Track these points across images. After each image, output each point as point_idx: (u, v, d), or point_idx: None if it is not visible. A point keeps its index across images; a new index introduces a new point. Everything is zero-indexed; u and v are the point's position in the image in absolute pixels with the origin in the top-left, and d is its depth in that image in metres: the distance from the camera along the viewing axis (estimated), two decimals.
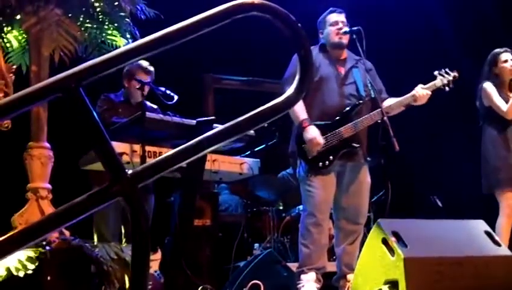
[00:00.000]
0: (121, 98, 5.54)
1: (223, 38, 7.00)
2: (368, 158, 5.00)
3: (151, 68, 5.40)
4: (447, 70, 4.98)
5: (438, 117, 8.46)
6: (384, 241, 3.48)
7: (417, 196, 8.67)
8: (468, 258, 3.50)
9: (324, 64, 4.94)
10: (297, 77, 1.39)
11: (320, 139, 4.67)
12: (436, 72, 4.96)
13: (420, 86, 4.84)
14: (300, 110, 4.72)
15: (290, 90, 1.39)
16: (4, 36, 4.51)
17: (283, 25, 1.37)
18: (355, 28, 4.86)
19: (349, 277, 4.72)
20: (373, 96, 4.83)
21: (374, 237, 3.57)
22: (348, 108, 4.82)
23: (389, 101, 4.91)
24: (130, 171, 1.28)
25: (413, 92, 4.81)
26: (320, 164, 4.75)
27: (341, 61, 5.01)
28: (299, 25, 1.38)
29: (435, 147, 8.96)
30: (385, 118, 4.65)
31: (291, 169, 5.49)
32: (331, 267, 5.18)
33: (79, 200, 1.26)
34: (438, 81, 4.92)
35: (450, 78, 4.95)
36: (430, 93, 4.83)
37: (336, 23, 4.96)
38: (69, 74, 1.28)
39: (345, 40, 4.95)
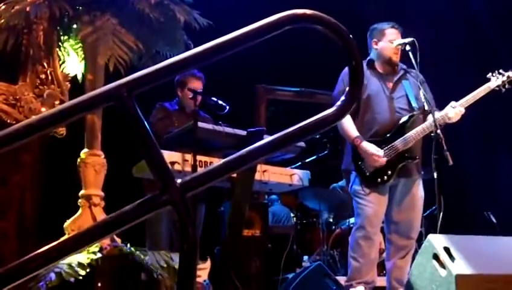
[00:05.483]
0: (175, 107, 5.61)
1: (276, 48, 7.03)
2: (421, 172, 4.94)
3: (201, 74, 5.45)
4: (500, 71, 4.89)
5: (493, 130, 8.31)
6: (436, 257, 3.42)
7: (470, 211, 8.50)
8: None
9: (372, 81, 4.87)
10: (347, 88, 1.38)
11: (380, 152, 4.63)
12: (489, 74, 4.87)
13: (451, 104, 4.75)
14: (351, 127, 4.70)
15: (340, 101, 1.38)
16: (61, 45, 4.59)
17: (334, 35, 1.36)
18: (409, 40, 4.78)
19: None
20: (427, 108, 4.74)
21: (425, 253, 3.52)
22: (401, 121, 4.76)
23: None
24: (179, 180, 1.28)
25: (446, 112, 4.72)
26: (379, 179, 4.71)
27: (389, 76, 4.95)
28: (350, 35, 1.37)
29: (490, 161, 8.79)
30: (438, 130, 4.57)
31: (344, 182, 5.45)
32: (381, 282, 5.12)
33: (129, 208, 1.27)
34: (492, 82, 4.84)
35: (505, 78, 4.86)
36: (463, 110, 4.73)
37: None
38: (121, 83, 1.30)
39: (399, 55, 4.89)
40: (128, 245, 3.99)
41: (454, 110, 4.68)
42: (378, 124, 4.80)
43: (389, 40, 4.88)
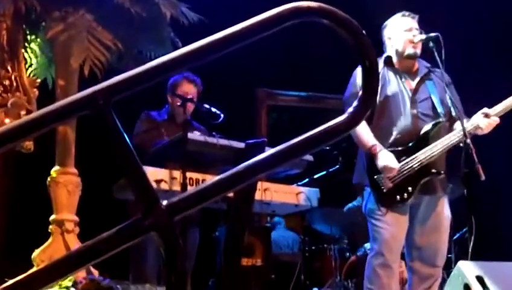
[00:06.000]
0: (164, 116, 5.53)
1: (278, 47, 7.04)
2: (449, 184, 4.91)
3: (195, 77, 5.39)
4: None
5: None
6: (467, 288, 3.42)
7: (507, 233, 8.50)
8: None
9: (390, 80, 4.85)
10: (361, 92, 1.38)
11: (395, 164, 4.60)
12: None
13: (484, 110, 4.70)
14: (367, 135, 4.66)
15: (352, 107, 1.37)
16: (27, 46, 4.60)
17: (344, 31, 1.36)
18: (432, 35, 4.77)
19: None
20: (453, 114, 4.73)
21: (454, 283, 3.52)
22: (425, 129, 4.75)
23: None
24: (165, 202, 1.28)
25: (476, 122, 4.68)
26: (398, 197, 4.67)
27: (410, 75, 4.93)
28: (363, 31, 1.37)
29: None
30: (468, 140, 4.53)
31: (360, 200, 5.44)
32: None
33: (106, 235, 1.27)
34: None
35: None
36: (497, 120, 4.69)
37: (410, 30, 4.88)
38: (97, 89, 1.29)
39: (419, 49, 4.87)
40: (108, 278, 3.98)
41: (487, 121, 4.64)
42: (396, 131, 4.77)
43: (404, 30, 4.87)
